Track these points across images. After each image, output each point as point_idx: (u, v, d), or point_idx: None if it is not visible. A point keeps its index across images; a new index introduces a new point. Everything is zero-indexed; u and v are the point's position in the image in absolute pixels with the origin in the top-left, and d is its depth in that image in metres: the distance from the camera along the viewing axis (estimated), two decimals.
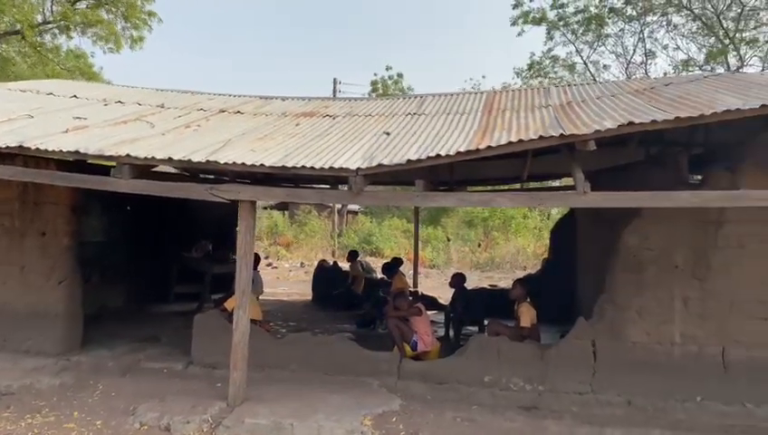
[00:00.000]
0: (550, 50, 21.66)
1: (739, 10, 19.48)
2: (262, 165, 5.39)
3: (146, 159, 5.59)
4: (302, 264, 20.59)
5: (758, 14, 20.07)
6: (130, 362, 7.04)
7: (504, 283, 14.06)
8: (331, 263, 13.22)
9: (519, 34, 21.40)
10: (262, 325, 7.05)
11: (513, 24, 21.31)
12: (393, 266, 9.93)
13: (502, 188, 10.18)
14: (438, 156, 5.11)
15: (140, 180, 5.80)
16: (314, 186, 9.64)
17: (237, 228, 5.76)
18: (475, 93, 8.62)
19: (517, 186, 10.56)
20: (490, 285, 13.05)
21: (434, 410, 5.82)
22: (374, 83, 33.08)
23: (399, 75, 33.25)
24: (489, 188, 10.49)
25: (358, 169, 5.16)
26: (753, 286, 5.90)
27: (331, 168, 5.24)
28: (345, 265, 12.32)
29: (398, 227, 25.00)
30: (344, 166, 5.25)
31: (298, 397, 5.89)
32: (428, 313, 10.15)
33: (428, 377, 6.36)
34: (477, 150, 5.04)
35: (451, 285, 9.01)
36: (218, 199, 5.66)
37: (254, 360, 6.09)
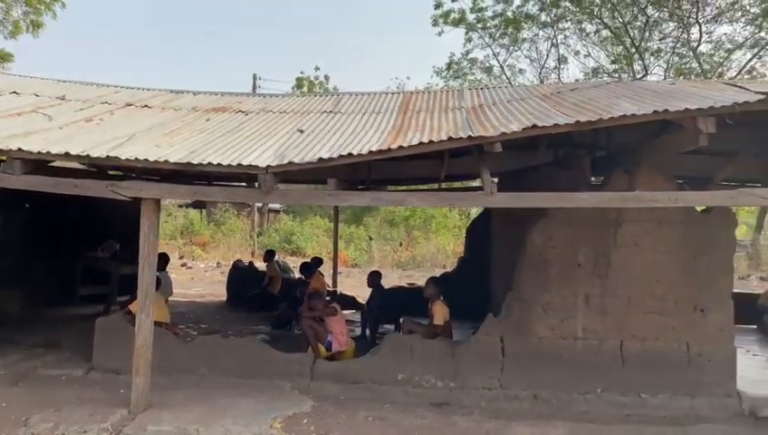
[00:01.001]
0: (468, 52, 22.22)
1: (644, 21, 20.64)
2: (166, 161, 5.18)
3: (39, 153, 5.25)
4: (218, 264, 20.08)
5: (661, 25, 21.37)
6: (25, 369, 6.59)
7: (423, 281, 14.23)
8: (247, 263, 12.92)
9: (439, 35, 21.81)
10: (169, 328, 6.78)
11: (434, 24, 21.68)
12: (311, 266, 9.83)
13: (420, 188, 10.28)
14: (350, 155, 5.08)
15: (33, 176, 5.44)
16: (232, 184, 9.39)
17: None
18: (392, 94, 8.67)
19: (438, 186, 10.72)
20: (408, 284, 13.17)
21: (346, 411, 5.79)
22: (299, 80, 32.67)
23: (326, 77, 33.06)
24: (405, 188, 10.57)
25: (268, 166, 5.05)
26: (647, 283, 6.24)
27: (239, 165, 5.10)
28: (262, 265, 12.09)
29: (320, 226, 24.85)
30: (254, 163, 5.12)
31: (205, 402, 5.70)
32: (347, 312, 10.17)
33: (342, 377, 6.33)
34: (389, 150, 5.06)
35: (368, 284, 9.02)
36: (119, 197, 5.38)
37: (160, 364, 5.85)
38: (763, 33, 20.02)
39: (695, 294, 6.19)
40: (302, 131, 6.33)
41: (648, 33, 20.81)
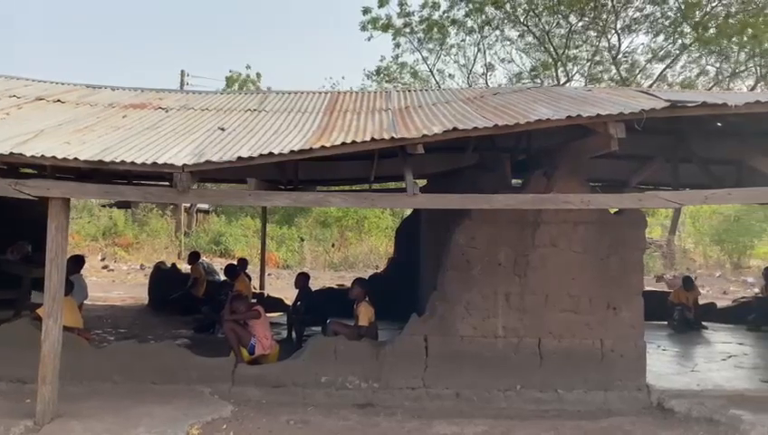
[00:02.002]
0: (398, 56, 22.41)
1: (567, 28, 21.45)
2: (75, 159, 4.93)
3: None
4: (141, 266, 19.36)
5: (582, 33, 22.25)
6: None
7: None
8: (170, 265, 12.51)
9: (368, 39, 21.89)
10: (81, 334, 6.46)
11: (363, 29, 21.75)
12: (235, 268, 9.63)
13: (344, 188, 10.25)
14: (271, 154, 4.99)
15: None
16: (153, 183, 9.05)
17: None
18: (319, 93, 8.60)
19: (368, 186, 10.70)
20: (338, 285, 13.12)
21: (267, 415, 5.69)
22: (230, 79, 31.93)
23: (258, 75, 32.48)
24: (337, 188, 10.53)
25: (184, 165, 4.89)
26: (563, 282, 6.46)
27: (154, 163, 4.91)
28: (187, 267, 11.75)
29: (250, 226, 24.37)
30: (170, 162, 4.95)
31: (118, 410, 5.46)
32: (274, 315, 10.05)
33: (264, 381, 6.22)
34: (311, 150, 5.01)
35: (295, 285, 8.92)
36: (24, 196, 5.09)
37: (71, 372, 5.59)
38: (674, 45, 21.21)
39: (608, 293, 6.45)
40: (223, 129, 6.18)
41: (569, 41, 21.60)
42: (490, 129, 4.98)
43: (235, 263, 10.22)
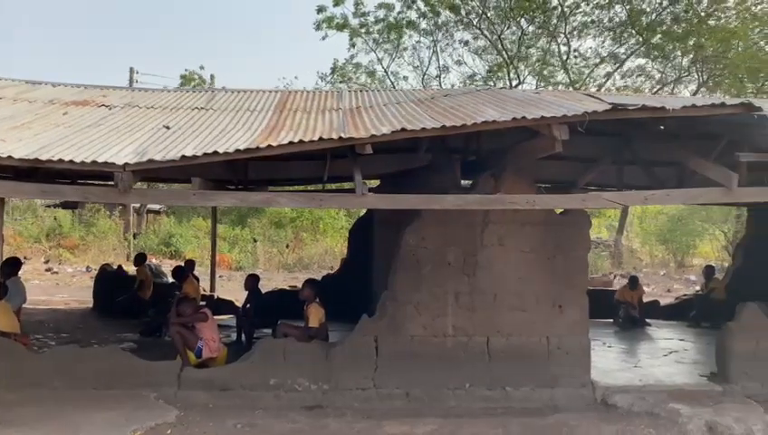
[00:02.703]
0: (353, 56, 22.38)
1: (519, 32, 21.83)
2: (10, 157, 4.73)
3: None
4: (87, 268, 18.76)
5: (534, 37, 22.68)
6: None
7: None
8: (116, 267, 12.16)
9: (323, 39, 21.77)
10: (18, 339, 6.21)
11: (318, 28, 21.61)
12: (183, 269, 9.42)
13: (300, 188, 10.16)
14: (216, 153, 4.90)
15: None
16: (96, 183, 8.77)
17: None
18: (270, 92, 8.50)
19: (322, 187, 10.62)
20: (290, 286, 12.99)
21: (214, 419, 5.59)
22: (184, 78, 31.14)
23: (212, 76, 31.82)
24: (292, 188, 10.42)
25: (125, 164, 4.76)
26: (511, 281, 6.55)
27: (94, 162, 4.77)
28: (134, 270, 11.43)
29: (201, 227, 23.92)
30: (110, 161, 4.81)
31: (58, 417, 5.27)
32: (224, 317, 9.88)
33: (212, 384, 6.10)
34: (257, 149, 4.95)
35: (245, 287, 8.79)
36: None
37: (8, 378, 5.41)
38: (621, 49, 21.85)
39: (554, 291, 6.56)
40: (168, 128, 6.04)
41: (521, 45, 22.00)
42: (438, 129, 5.01)
43: (183, 264, 9.99)
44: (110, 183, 6.84)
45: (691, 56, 20.67)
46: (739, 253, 11.93)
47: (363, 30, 21.35)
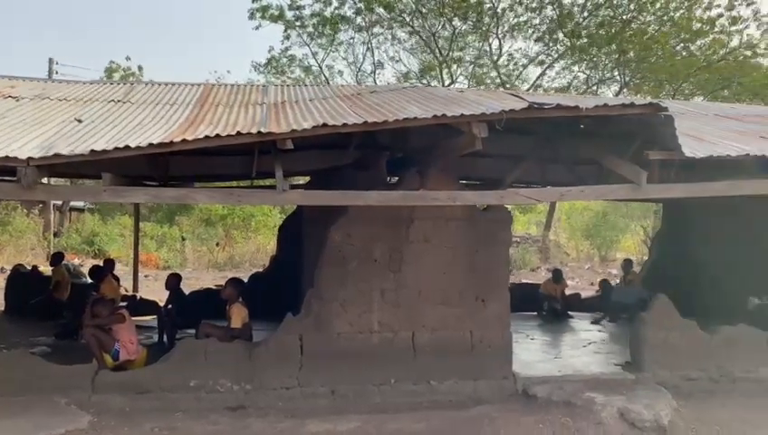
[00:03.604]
0: (287, 48, 22.05)
1: (451, 31, 22.13)
2: None
3: None
4: (2, 269, 17.72)
5: (466, 37, 23.05)
6: None
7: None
8: (30, 267, 11.52)
9: (256, 28, 21.34)
10: None
11: (251, 17, 21.17)
12: (101, 269, 9.03)
13: (221, 185, 9.92)
14: (128, 147, 4.71)
15: None
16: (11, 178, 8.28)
17: None
18: (192, 85, 8.24)
19: (250, 183, 10.41)
20: (216, 286, 12.66)
21: (130, 423, 5.40)
22: (109, 70, 29.83)
23: (140, 67, 30.61)
24: (224, 184, 10.15)
25: (29, 159, 4.50)
26: (436, 276, 6.62)
27: None
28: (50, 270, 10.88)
29: (127, 225, 22.99)
30: (12, 155, 4.53)
31: None
32: (147, 318, 9.55)
33: (128, 388, 5.88)
34: (171, 143, 4.78)
35: (166, 286, 8.52)
36: None
37: None
38: (549, 51, 22.53)
39: (477, 286, 6.68)
40: (80, 121, 5.76)
41: (454, 44, 22.31)
42: (359, 125, 4.99)
43: (101, 264, 9.57)
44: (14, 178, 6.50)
45: (615, 58, 21.53)
46: (654, 247, 12.54)
47: (298, 23, 21.10)
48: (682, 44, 20.49)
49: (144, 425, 5.37)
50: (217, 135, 4.83)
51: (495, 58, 22.97)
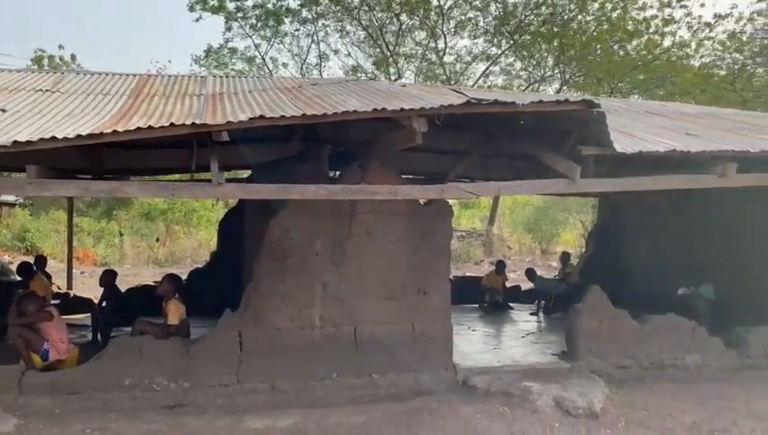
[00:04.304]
0: (228, 40, 21.62)
1: (398, 26, 22.19)
2: None
3: None
4: None
5: (413, 32, 23.18)
6: None
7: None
8: None
9: (197, 20, 20.81)
10: None
11: (191, 9, 20.62)
12: (31, 266, 8.65)
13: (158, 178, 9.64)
14: (54, 138, 4.52)
15: None
16: None
17: None
18: (127, 75, 7.98)
19: (190, 176, 10.12)
20: (155, 282, 12.33)
21: (59, 425, 5.21)
22: (38, 59, 28.45)
23: (73, 56, 29.28)
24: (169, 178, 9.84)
25: None
26: (378, 270, 6.64)
27: None
28: None
29: (62, 220, 22.08)
30: None
31: None
32: (81, 316, 9.22)
33: (58, 388, 5.67)
34: (101, 135, 4.60)
35: (100, 283, 8.24)
36: None
37: None
38: (495, 48, 22.91)
39: (418, 279, 6.75)
40: (4, 111, 5.48)
41: (401, 39, 22.39)
42: (297, 118, 4.94)
43: (31, 261, 9.16)
44: None
45: (555, 56, 22.07)
46: (591, 240, 12.95)
47: (240, 15, 20.68)
48: (619, 44, 21.17)
49: (74, 426, 5.19)
50: (150, 126, 4.69)
51: (442, 54, 23.18)
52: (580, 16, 21.02)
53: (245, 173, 10.78)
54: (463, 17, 22.19)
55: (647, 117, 7.99)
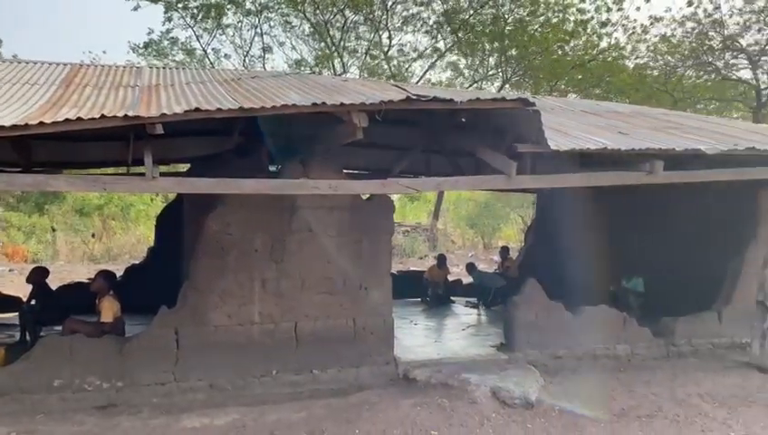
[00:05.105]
0: (169, 31, 20.96)
1: (343, 21, 22.08)
2: None
3: None
4: None
5: (358, 27, 23.10)
6: None
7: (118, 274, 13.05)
8: None
9: (134, 9, 20.10)
10: None
11: None
12: None
13: (93, 172, 9.32)
14: None
15: None
16: None
17: None
18: (58, 65, 7.64)
19: (126, 170, 9.81)
20: (89, 279, 11.91)
21: None
22: None
23: None
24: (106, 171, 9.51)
25: None
26: (319, 265, 6.62)
27: None
28: None
29: None
30: None
31: None
32: (9, 315, 8.81)
33: None
34: (26, 126, 4.40)
35: (28, 280, 7.90)
36: None
37: None
38: (439, 45, 23.14)
39: (360, 274, 6.76)
40: None
41: (346, 34, 22.30)
42: (234, 111, 4.86)
43: None
44: None
45: (497, 55, 22.46)
46: (529, 235, 13.29)
47: (180, 5, 20.08)
48: (558, 45, 21.74)
49: (0, 430, 4.97)
50: (80, 118, 4.52)
51: (387, 50, 23.20)
52: (520, 16, 21.45)
53: (188, 167, 10.54)
54: (407, 12, 22.28)
55: (581, 116, 8.25)
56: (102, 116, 4.56)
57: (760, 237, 7.85)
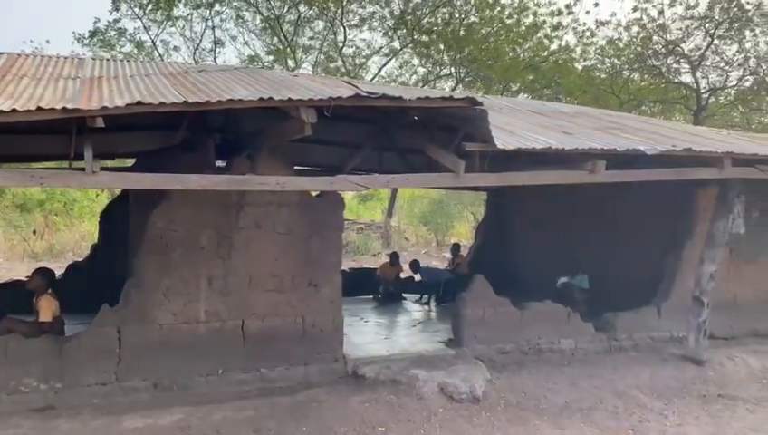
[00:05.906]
0: (116, 20, 20.37)
1: (297, 16, 21.89)
2: None
3: None
4: None
5: (312, 23, 22.95)
6: None
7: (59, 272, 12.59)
8: None
9: None
10: None
11: None
12: None
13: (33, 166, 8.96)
14: None
15: None
16: None
17: None
18: None
19: (68, 164, 9.48)
20: (27, 277, 11.47)
21: None
22: None
23: None
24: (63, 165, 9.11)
25: None
26: (267, 262, 6.56)
27: None
28: None
29: None
30: None
31: None
32: None
33: None
34: None
35: None
36: None
37: None
38: (395, 43, 23.20)
39: (309, 271, 6.73)
40: None
41: (299, 29, 22.12)
42: (178, 105, 4.75)
43: None
44: None
45: (451, 55, 22.67)
46: (479, 232, 13.49)
47: None
48: (510, 46, 22.11)
49: None
50: (14, 110, 4.32)
51: (341, 47, 23.14)
52: (474, 18, 21.72)
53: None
54: (362, 10, 22.27)
55: (528, 115, 8.41)
56: (39, 108, 4.39)
57: (696, 236, 8.17)
